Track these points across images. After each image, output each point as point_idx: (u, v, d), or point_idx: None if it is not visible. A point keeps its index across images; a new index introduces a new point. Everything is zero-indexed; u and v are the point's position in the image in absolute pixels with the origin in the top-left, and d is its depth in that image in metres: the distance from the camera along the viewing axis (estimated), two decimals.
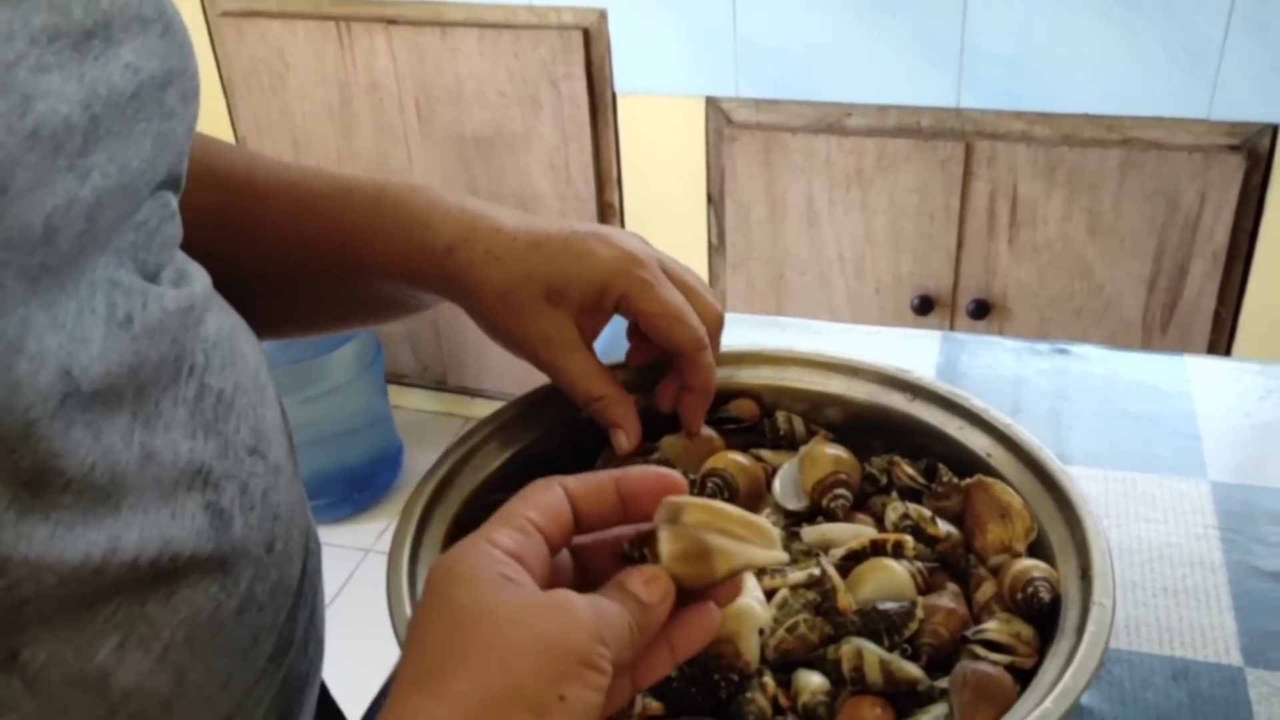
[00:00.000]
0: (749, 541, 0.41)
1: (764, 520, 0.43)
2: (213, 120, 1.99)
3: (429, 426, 2.32)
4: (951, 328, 1.76)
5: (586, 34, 1.75)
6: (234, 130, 2.03)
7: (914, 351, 0.83)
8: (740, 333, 0.79)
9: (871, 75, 1.65)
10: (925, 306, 1.76)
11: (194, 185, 0.57)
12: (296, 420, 0.66)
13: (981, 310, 1.74)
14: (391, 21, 1.83)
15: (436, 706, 0.36)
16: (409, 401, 2.37)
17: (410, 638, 0.39)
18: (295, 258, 0.62)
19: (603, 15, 1.73)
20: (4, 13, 0.37)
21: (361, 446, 2.13)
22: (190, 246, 0.55)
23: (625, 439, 0.56)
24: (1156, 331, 1.69)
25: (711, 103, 1.75)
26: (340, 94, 1.91)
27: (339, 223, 0.60)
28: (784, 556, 0.43)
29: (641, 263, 0.55)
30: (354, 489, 2.13)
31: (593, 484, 0.43)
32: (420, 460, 2.21)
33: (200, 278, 0.52)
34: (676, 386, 0.58)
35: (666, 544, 0.40)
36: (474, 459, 0.58)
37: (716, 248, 1.87)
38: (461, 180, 1.92)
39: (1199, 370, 0.80)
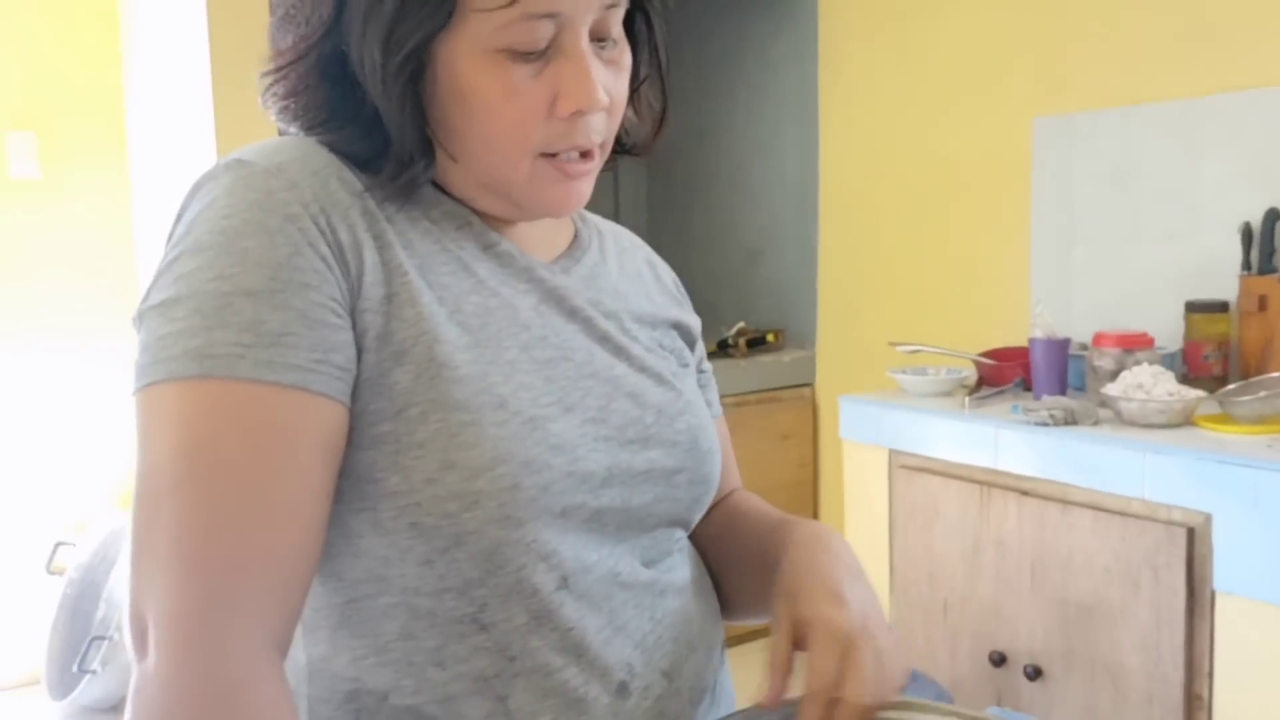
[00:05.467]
0: None
1: None
2: (875, 546, 2.48)
3: None
4: None
5: (1191, 532, 1.91)
6: (890, 555, 2.50)
7: None
8: None
9: None
10: None
11: (718, 516, 0.97)
12: None
13: None
14: (1025, 493, 2.18)
15: None
16: None
17: None
18: (742, 557, 0.95)
19: (1208, 518, 1.88)
20: (585, 428, 0.77)
21: None
22: (704, 546, 0.94)
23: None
24: None
25: None
26: (973, 543, 2.28)
27: (763, 536, 0.93)
28: None
29: (858, 637, 0.76)
30: None
31: None
32: None
33: (682, 573, 0.86)
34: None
35: None
36: None
37: None
38: (1059, 639, 2.11)
39: None
